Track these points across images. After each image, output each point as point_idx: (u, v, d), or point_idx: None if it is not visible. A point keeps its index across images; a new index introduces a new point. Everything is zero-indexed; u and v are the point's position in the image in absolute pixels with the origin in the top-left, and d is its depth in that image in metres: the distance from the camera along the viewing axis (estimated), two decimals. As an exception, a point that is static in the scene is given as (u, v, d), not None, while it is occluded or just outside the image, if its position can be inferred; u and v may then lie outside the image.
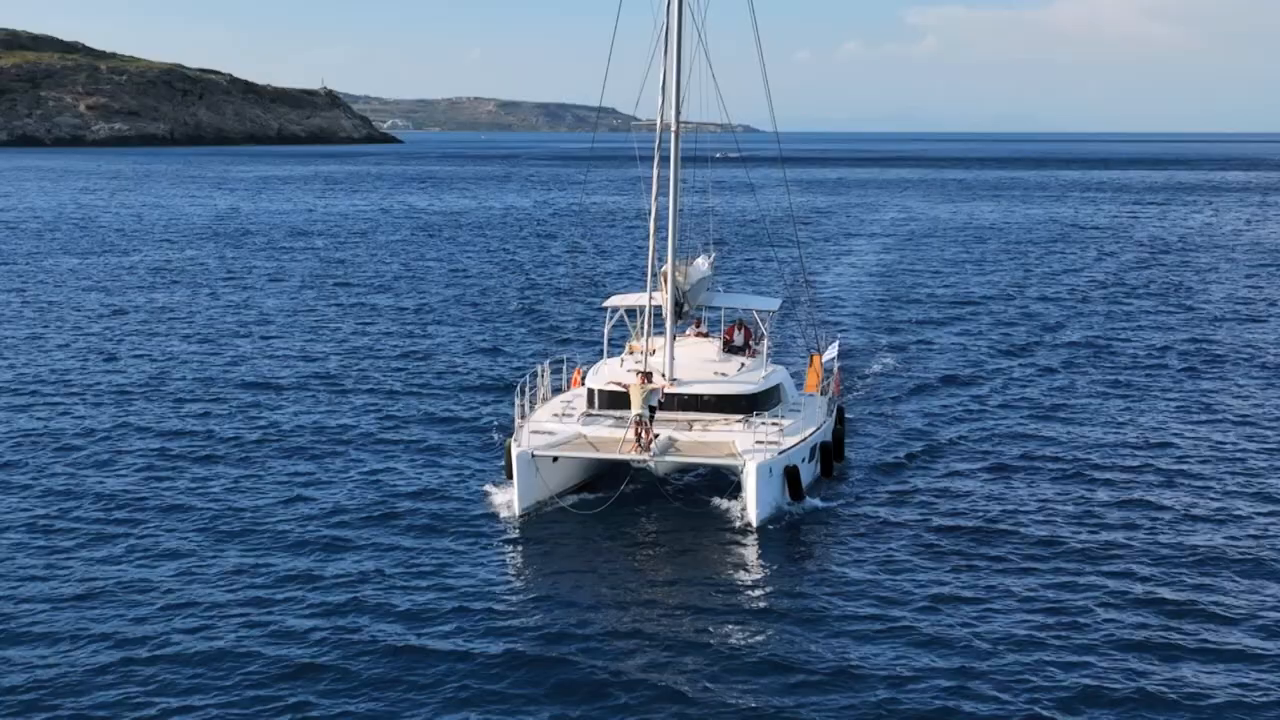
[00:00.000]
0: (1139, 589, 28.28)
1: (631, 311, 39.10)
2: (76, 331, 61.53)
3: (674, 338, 37.07)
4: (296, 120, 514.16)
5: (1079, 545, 31.27)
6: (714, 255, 43.67)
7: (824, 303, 73.50)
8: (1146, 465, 38.45)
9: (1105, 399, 47.62)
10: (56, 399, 46.48)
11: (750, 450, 32.94)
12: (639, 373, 34.58)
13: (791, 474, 33.24)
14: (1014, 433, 42.49)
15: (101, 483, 36.11)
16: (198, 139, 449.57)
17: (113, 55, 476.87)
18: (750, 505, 32.21)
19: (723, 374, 37.19)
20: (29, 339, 59.47)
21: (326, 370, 52.32)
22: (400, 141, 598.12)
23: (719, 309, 42.46)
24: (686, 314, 38.76)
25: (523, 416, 35.11)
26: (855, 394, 48.05)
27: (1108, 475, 37.42)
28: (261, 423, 43.28)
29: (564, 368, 40.52)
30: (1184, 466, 38.51)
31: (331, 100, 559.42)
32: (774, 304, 42.74)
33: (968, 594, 27.92)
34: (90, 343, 58.50)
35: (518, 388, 36.29)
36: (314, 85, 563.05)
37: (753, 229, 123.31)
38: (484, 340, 59.76)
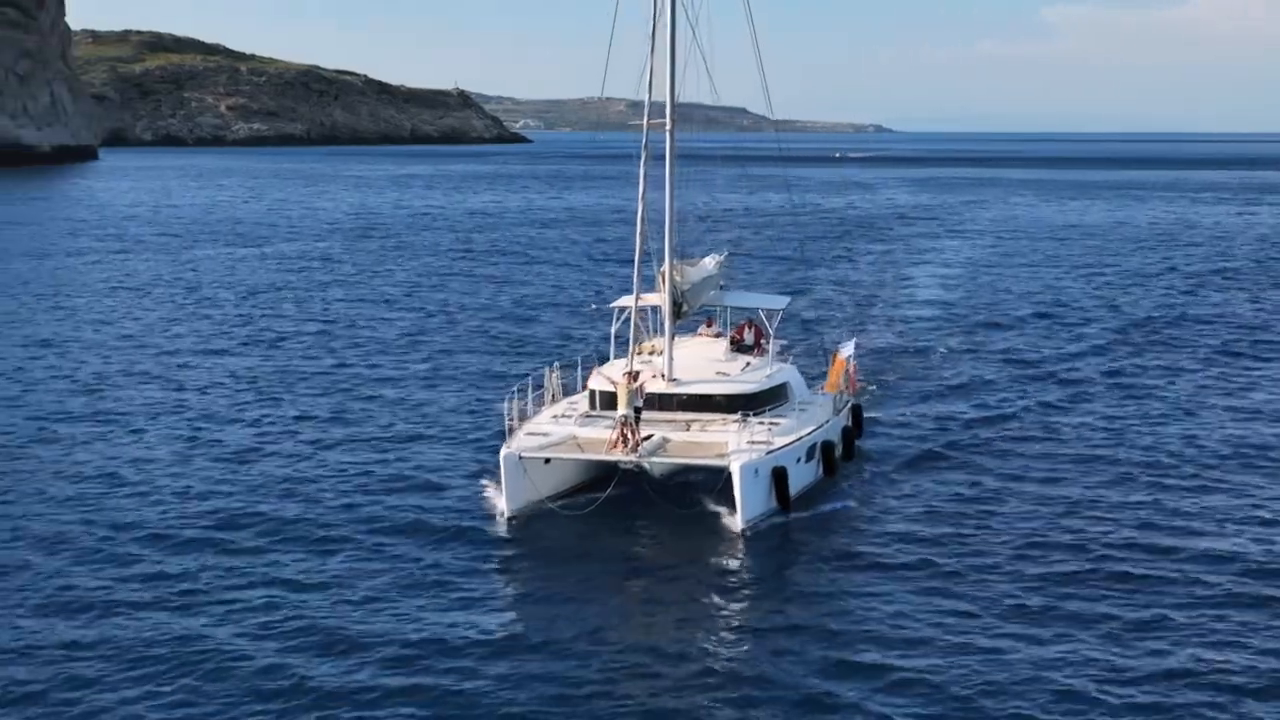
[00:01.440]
0: (1158, 613, 27.05)
1: (641, 311, 38.58)
2: (188, 313, 66.81)
3: (673, 337, 37.07)
4: (429, 120, 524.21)
5: (1076, 560, 30.25)
6: (725, 254, 43.48)
7: (893, 300, 74.37)
8: (1197, 482, 36.71)
9: (1160, 413, 45.34)
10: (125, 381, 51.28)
11: (738, 451, 32.62)
12: (625, 373, 34.55)
13: (779, 475, 32.77)
14: (1045, 440, 41.42)
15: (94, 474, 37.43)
16: (333, 139, 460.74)
17: (252, 57, 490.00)
18: (736, 507, 31.95)
19: (724, 373, 37.04)
20: (167, 321, 65.29)
21: (352, 359, 55.29)
22: (530, 141, 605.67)
23: (728, 308, 42.01)
24: (686, 314, 38.28)
25: (517, 418, 35.19)
26: (891, 392, 48.09)
27: (1144, 493, 35.77)
28: (275, 408, 45.77)
29: (579, 367, 39.75)
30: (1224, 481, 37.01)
31: (463, 101, 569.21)
32: (781, 303, 42.39)
33: (945, 604, 27.44)
34: (199, 326, 63.51)
35: (515, 389, 36.29)
36: (448, 86, 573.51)
37: (834, 228, 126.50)
38: (518, 339, 61.13)
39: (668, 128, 37.40)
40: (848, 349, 41.62)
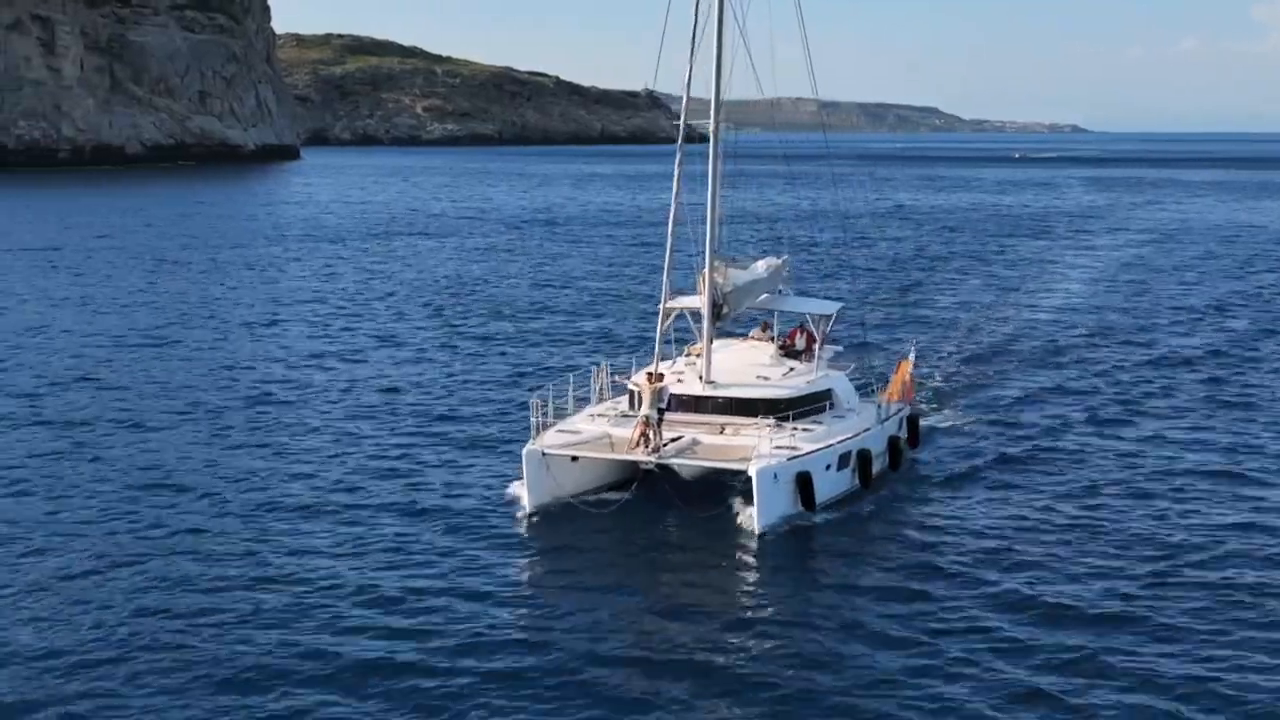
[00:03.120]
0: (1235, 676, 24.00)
1: (695, 313, 38.25)
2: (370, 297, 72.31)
3: (712, 340, 36.72)
4: (618, 121, 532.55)
5: (1113, 589, 28.03)
6: (783, 257, 42.68)
7: (1019, 303, 72.86)
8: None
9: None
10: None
11: (759, 455, 32.08)
12: (648, 373, 34.62)
13: (803, 481, 32.27)
14: (1116, 460, 38.81)
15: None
16: (524, 139, 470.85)
17: (448, 59, 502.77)
18: (754, 511, 31.48)
19: (765, 378, 36.58)
20: (356, 308, 70.65)
21: (420, 347, 57.60)
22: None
23: (775, 312, 41.50)
24: (726, 316, 37.65)
25: (552, 414, 34.80)
26: (972, 401, 46.40)
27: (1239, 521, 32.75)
28: (338, 394, 47.65)
29: (633, 365, 38.95)
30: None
31: (652, 102, 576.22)
32: (830, 308, 41.57)
33: (954, 623, 26.21)
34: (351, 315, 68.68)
35: (550, 386, 36.02)
36: (637, 87, 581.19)
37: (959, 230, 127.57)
38: (599, 335, 61.62)
39: (712, 127, 37.05)
40: (911, 356, 41.03)
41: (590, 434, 34.36)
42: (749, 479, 31.62)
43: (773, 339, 40.43)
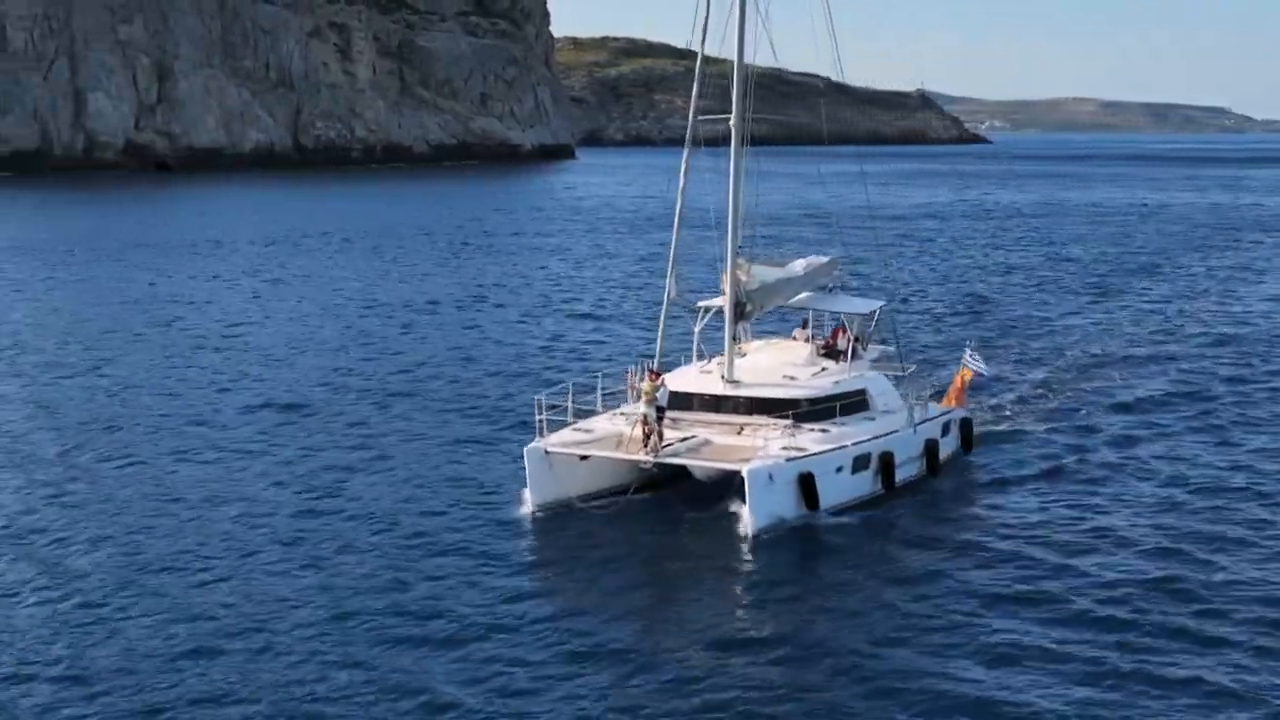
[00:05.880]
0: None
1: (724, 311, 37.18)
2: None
3: (734, 339, 36.13)
4: (887, 121, 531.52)
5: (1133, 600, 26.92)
6: (834, 256, 41.99)
7: (1204, 306, 70.01)
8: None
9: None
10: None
11: (759, 456, 31.58)
12: (650, 371, 34.11)
13: (806, 482, 31.45)
14: (1174, 478, 36.10)
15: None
16: (791, 139, 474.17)
17: (721, 60, 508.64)
18: (747, 512, 30.92)
19: (792, 378, 35.68)
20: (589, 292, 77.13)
21: (457, 344, 58.46)
22: (989, 142, 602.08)
23: (811, 310, 40.45)
24: (750, 314, 37.04)
25: (571, 414, 34.46)
26: (1058, 407, 44.28)
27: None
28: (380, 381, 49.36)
29: (680, 364, 38.18)
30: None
31: (923, 102, 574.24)
32: (866, 307, 40.74)
33: (947, 637, 25.29)
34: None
35: (570, 384, 35.63)
36: (910, 87, 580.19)
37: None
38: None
39: (732, 122, 37.77)
40: (972, 362, 39.92)
41: (601, 433, 33.95)
42: (742, 480, 31.07)
43: (809, 339, 39.57)
